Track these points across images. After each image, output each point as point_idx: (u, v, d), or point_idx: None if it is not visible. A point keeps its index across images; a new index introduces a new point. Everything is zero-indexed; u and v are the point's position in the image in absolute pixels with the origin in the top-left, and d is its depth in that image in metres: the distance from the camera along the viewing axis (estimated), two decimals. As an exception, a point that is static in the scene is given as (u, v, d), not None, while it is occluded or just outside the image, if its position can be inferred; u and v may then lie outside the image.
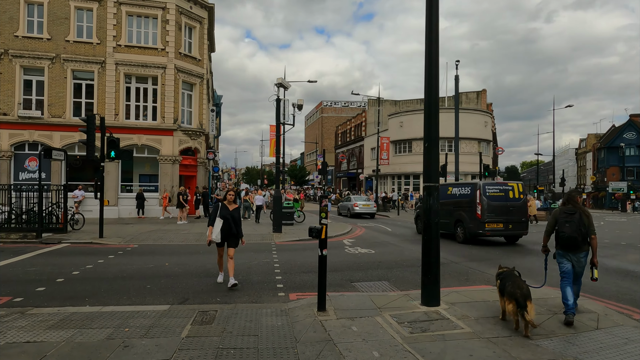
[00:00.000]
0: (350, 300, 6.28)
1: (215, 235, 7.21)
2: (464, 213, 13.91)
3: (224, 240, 7.36)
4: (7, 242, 12.63)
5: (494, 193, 13.44)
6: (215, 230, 7.21)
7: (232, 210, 7.38)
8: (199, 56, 25.24)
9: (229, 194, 7.46)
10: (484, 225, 13.20)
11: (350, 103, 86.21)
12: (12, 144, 21.80)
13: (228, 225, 7.24)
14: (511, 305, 4.94)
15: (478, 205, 13.28)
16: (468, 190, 14.02)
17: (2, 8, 21.65)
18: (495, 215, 13.23)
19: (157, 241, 13.52)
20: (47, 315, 5.54)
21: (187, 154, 24.29)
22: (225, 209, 7.32)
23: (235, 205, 7.52)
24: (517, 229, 13.57)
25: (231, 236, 7.36)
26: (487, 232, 13.27)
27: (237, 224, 7.39)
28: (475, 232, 13.45)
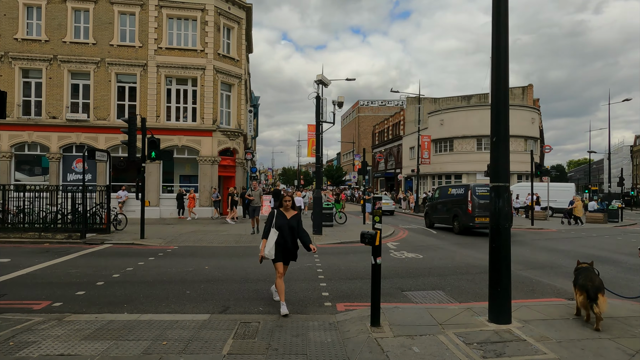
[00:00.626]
0: (406, 313, 5.63)
1: (268, 250, 5.82)
2: (459, 209, 16.69)
3: (280, 256, 5.94)
4: (53, 242, 12.83)
5: (483, 193, 16.08)
6: (269, 243, 5.84)
7: (290, 219, 6.03)
8: (237, 57, 25.21)
9: (285, 200, 6.13)
10: (474, 219, 15.89)
11: (387, 102, 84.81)
12: (61, 146, 22.54)
13: (284, 237, 5.91)
14: (582, 297, 5.06)
15: (469, 203, 16.00)
16: (462, 191, 16.87)
17: (50, 15, 22.44)
18: (483, 210, 15.64)
19: (197, 242, 13.35)
20: (84, 323, 5.26)
21: (225, 154, 24.30)
22: (281, 218, 6.01)
23: (293, 212, 6.14)
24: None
25: (288, 251, 6.04)
26: (477, 224, 15.97)
27: (295, 235, 6.06)
28: (467, 225, 16.28)
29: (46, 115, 22.40)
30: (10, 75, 22.16)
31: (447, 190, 18.56)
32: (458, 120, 40.35)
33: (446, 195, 18.19)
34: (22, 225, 13.81)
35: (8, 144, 22.11)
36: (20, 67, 22.28)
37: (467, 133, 39.46)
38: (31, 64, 22.32)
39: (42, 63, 22.34)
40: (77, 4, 22.62)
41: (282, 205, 6.15)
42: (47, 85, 22.42)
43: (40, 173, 22.97)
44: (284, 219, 6.02)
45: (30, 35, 22.48)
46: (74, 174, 22.63)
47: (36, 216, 14.11)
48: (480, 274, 8.78)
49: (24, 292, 6.91)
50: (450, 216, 17.43)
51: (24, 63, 22.26)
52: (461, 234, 16.55)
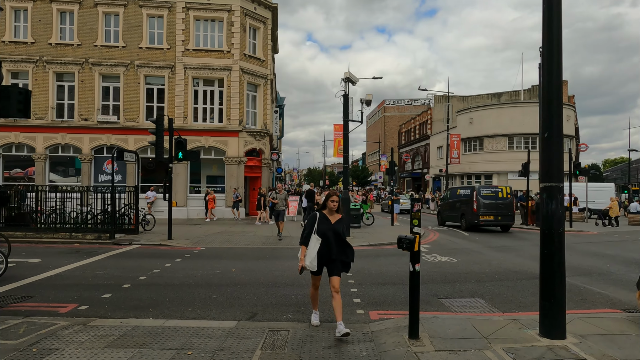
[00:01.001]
0: (446, 325, 5.20)
1: (310, 261, 4.97)
2: (465, 208, 18.18)
3: (322, 267, 5.10)
4: (84, 242, 12.96)
5: (487, 194, 17.76)
6: (311, 252, 4.99)
7: (334, 224, 5.08)
8: (263, 57, 25.14)
9: (331, 200, 5.15)
10: (479, 217, 17.39)
11: (413, 101, 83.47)
12: (92, 147, 23.02)
13: (328, 245, 5.00)
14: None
15: (474, 203, 17.48)
16: (469, 192, 18.42)
17: (83, 20, 22.95)
18: (487, 210, 17.34)
19: (224, 244, 13.22)
20: (109, 328, 5.08)
21: (252, 155, 24.25)
22: (325, 222, 5.07)
23: (338, 216, 5.19)
24: (504, 220, 17.80)
25: (333, 261, 5.05)
26: (481, 222, 17.50)
27: (341, 243, 5.11)
28: (472, 223, 17.75)
29: (78, 117, 22.92)
30: (44, 79, 22.79)
31: (456, 191, 20.43)
32: (488, 119, 39.11)
33: (455, 196, 19.85)
34: (54, 226, 14.05)
35: (43, 146, 22.74)
36: (54, 71, 22.88)
37: (498, 132, 38.20)
38: (64, 67, 22.89)
39: (75, 67, 22.87)
40: (107, 9, 23.05)
41: (325, 207, 5.19)
42: (80, 88, 22.94)
43: (74, 174, 23.54)
44: (328, 223, 5.08)
45: (64, 39, 23.06)
46: (104, 174, 23.06)
47: (68, 216, 14.32)
48: (521, 281, 8.22)
49: (52, 294, 6.85)
50: (458, 214, 19.06)
51: (58, 67, 22.85)
52: (467, 230, 18.11)
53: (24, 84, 22.68)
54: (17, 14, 22.94)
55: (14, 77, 22.82)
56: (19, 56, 22.57)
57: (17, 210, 14.42)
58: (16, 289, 7.07)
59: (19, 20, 22.99)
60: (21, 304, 6.28)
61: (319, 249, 4.99)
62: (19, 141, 22.72)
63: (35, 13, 22.74)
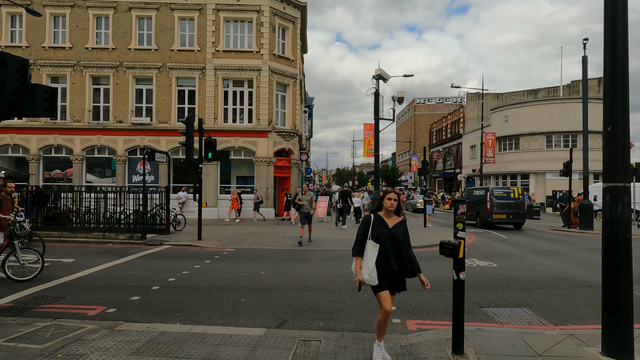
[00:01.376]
0: (493, 339, 4.74)
1: (369, 273, 4.02)
2: (480, 207, 19.59)
3: (384, 282, 4.08)
4: (116, 242, 13.11)
5: (500, 194, 19.17)
6: (368, 263, 4.06)
7: (392, 228, 4.17)
8: (292, 56, 25.00)
9: (387, 197, 4.23)
10: (492, 215, 18.77)
11: (444, 99, 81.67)
12: (127, 149, 23.51)
13: (385, 254, 4.07)
14: None
15: (488, 202, 18.91)
16: (483, 192, 20.01)
17: (117, 24, 23.49)
18: (500, 209, 18.72)
19: (253, 245, 13.07)
20: (135, 334, 4.91)
21: (281, 155, 24.14)
22: (380, 226, 4.17)
23: (397, 219, 4.26)
24: (516, 219, 19.14)
25: (393, 275, 4.12)
26: (494, 220, 18.86)
27: (401, 251, 4.14)
28: (486, 220, 19.08)
29: (113, 119, 23.47)
30: (81, 83, 23.47)
31: (472, 192, 22.29)
32: (525, 116, 37.58)
33: (471, 196, 21.34)
34: (88, 226, 14.31)
35: (80, 148, 23.42)
36: (91, 74, 23.52)
37: (535, 130, 36.63)
38: (100, 71, 23.50)
39: (110, 70, 23.44)
40: (140, 12, 23.50)
41: (381, 208, 4.28)
42: (114, 91, 23.49)
43: (110, 175, 24.12)
44: (385, 227, 4.17)
45: (99, 44, 23.67)
46: (138, 175, 23.49)
47: (102, 217, 14.56)
48: (571, 289, 7.58)
49: (82, 295, 6.81)
50: (474, 213, 20.25)
51: (94, 71, 23.48)
52: (482, 227, 19.39)
53: (62, 88, 23.46)
54: (56, 20, 23.73)
55: (53, 82, 23.59)
56: (57, 61, 23.34)
57: (54, 210, 14.79)
58: (48, 290, 7.08)
59: (58, 26, 23.78)
60: (51, 305, 6.25)
61: (378, 258, 4.06)
62: (57, 143, 23.49)
63: (73, 19, 23.45)
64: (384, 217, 4.26)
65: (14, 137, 23.31)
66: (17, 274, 7.66)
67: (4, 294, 6.73)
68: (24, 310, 5.95)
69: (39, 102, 4.70)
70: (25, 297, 6.64)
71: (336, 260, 10.53)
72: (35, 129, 23.27)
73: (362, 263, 4.14)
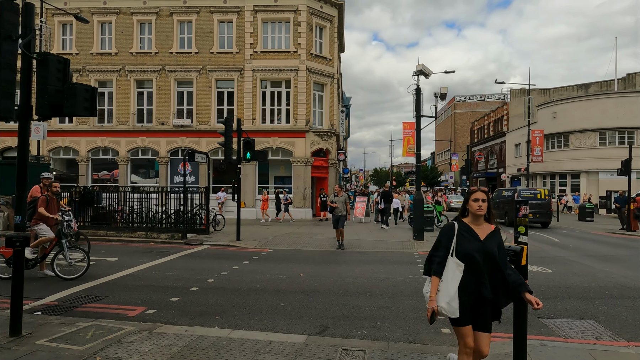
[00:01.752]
0: (558, 356, 4.26)
1: (448, 301, 3.13)
2: (508, 207, 20.62)
3: (468, 314, 3.18)
4: (157, 241, 13.33)
5: (527, 195, 20.09)
6: (448, 287, 3.14)
7: (485, 240, 3.23)
8: (329, 55, 24.77)
9: (473, 200, 3.26)
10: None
11: (486, 97, 78.94)
12: (169, 150, 24.11)
13: (476, 276, 3.16)
14: None
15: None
16: (511, 193, 21.43)
17: (159, 29, 24.15)
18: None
19: (291, 246, 12.91)
20: (174, 337, 4.79)
21: (318, 155, 23.96)
22: (468, 237, 3.22)
23: (490, 227, 3.32)
24: (542, 218, 20.33)
25: (484, 303, 3.21)
26: None
27: (498, 272, 3.21)
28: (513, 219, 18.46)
29: (156, 122, 24.13)
30: (126, 87, 24.30)
31: (501, 192, 23.59)
32: (575, 112, 35.50)
33: (500, 197, 22.61)
34: (131, 225, 14.66)
35: (125, 149, 24.24)
36: (135, 78, 24.30)
37: (586, 126, 34.51)
38: (143, 75, 24.23)
39: (153, 74, 24.12)
40: (181, 17, 24.04)
41: (465, 213, 3.32)
42: (157, 94, 24.15)
43: (153, 176, 24.83)
44: (474, 239, 3.19)
45: (143, 49, 24.41)
46: (179, 176, 24.02)
47: (144, 216, 14.89)
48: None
49: (123, 295, 6.84)
50: (503, 213, 21.21)
51: (138, 75, 24.24)
52: (510, 226, 19.45)
53: (109, 92, 24.41)
54: (102, 27, 24.69)
55: (101, 86, 24.56)
56: (104, 66, 24.28)
57: (100, 210, 15.28)
58: (91, 289, 7.17)
59: (105, 33, 24.74)
60: (94, 304, 6.29)
61: (462, 282, 3.12)
62: (105, 145, 24.43)
63: (118, 25, 24.32)
64: (472, 224, 3.26)
65: (65, 140, 24.46)
66: (64, 272, 7.83)
67: (51, 292, 6.87)
68: (67, 309, 6.01)
69: (79, 101, 4.68)
70: (70, 295, 6.74)
71: (377, 263, 10.16)
72: (84, 131, 24.31)
73: (440, 285, 3.18)
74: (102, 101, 24.61)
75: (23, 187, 4.76)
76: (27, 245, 4.84)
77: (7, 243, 4.64)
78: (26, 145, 4.80)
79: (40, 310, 5.91)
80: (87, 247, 9.40)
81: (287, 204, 21.26)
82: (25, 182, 4.76)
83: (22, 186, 4.75)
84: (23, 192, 4.77)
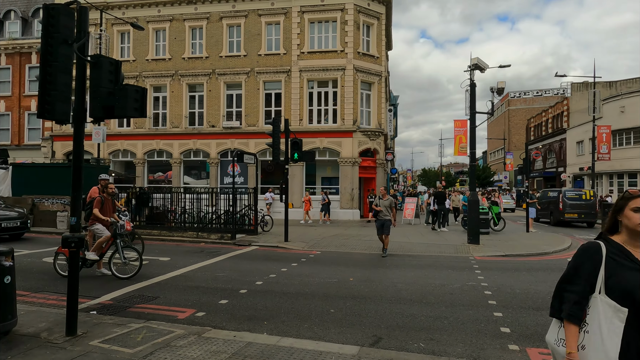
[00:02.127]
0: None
1: None
2: (553, 207, 21.83)
3: None
4: (208, 242, 13.54)
5: (572, 196, 21.07)
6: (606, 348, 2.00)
7: None
8: (376, 53, 24.28)
9: (631, 213, 2.14)
10: (564, 214, 20.80)
11: (543, 92, 74.68)
12: (219, 151, 24.66)
13: None
14: None
15: (560, 203, 20.95)
16: (556, 194, 22.14)
17: (210, 34, 24.77)
18: (572, 209, 20.66)
19: (340, 248, 12.64)
20: (222, 343, 4.66)
21: (366, 155, 23.54)
22: (629, 266, 2.09)
23: None
24: (587, 218, 21.01)
25: None
26: (566, 218, 20.83)
27: None
28: (558, 219, 21.21)
29: (207, 124, 24.77)
30: (179, 91, 25.14)
31: (547, 193, 24.75)
32: (647, 106, 32.49)
33: (546, 197, 23.73)
34: (183, 225, 15.03)
35: (178, 151, 25.09)
36: (187, 83, 25.09)
37: (660, 121, 31.47)
38: (195, 79, 24.96)
39: (204, 78, 24.79)
40: (231, 21, 24.52)
41: (616, 227, 2.25)
42: (207, 97, 24.79)
43: (204, 177, 25.52)
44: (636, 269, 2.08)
45: (194, 54, 25.16)
46: (229, 177, 24.49)
47: (195, 217, 15.21)
48: None
49: (173, 296, 6.87)
50: (548, 212, 22.62)
51: (190, 79, 25.01)
52: (555, 225, 21.36)
53: (163, 97, 25.38)
54: (157, 34, 25.72)
55: (156, 91, 25.61)
56: (159, 72, 25.27)
57: (155, 210, 15.79)
58: (144, 289, 7.28)
59: (159, 39, 25.75)
60: (146, 305, 6.34)
61: (625, 340, 2.00)
62: (159, 148, 25.42)
63: (171, 32, 25.23)
64: (631, 247, 2.16)
65: (123, 143, 25.72)
66: (120, 271, 8.04)
67: (107, 291, 7.04)
68: (121, 309, 6.10)
69: (129, 102, 4.68)
70: (124, 295, 6.87)
71: (430, 268, 9.65)
72: (141, 135, 25.43)
73: (585, 339, 2.10)
74: (156, 105, 25.64)
75: (78, 189, 4.82)
76: (81, 246, 4.90)
77: (63, 244, 4.71)
78: (81, 147, 4.86)
79: (96, 309, 6.03)
80: (141, 247, 9.65)
81: (325, 204, 20.89)
82: (80, 183, 4.81)
83: (77, 187, 4.81)
84: (78, 193, 4.83)
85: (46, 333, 4.82)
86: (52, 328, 4.97)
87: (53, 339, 4.66)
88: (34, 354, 4.27)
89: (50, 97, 4.46)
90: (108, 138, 23.25)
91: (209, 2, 24.62)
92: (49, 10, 4.55)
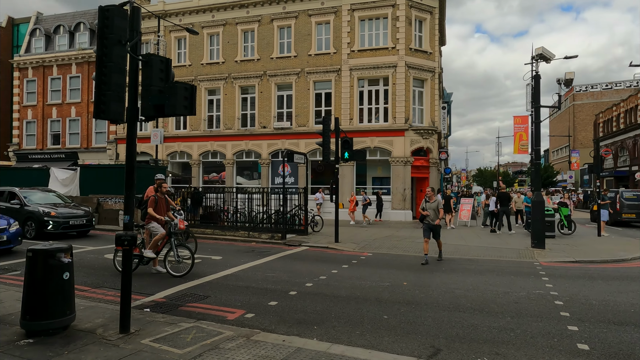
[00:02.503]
0: None
1: None
2: (611, 208, 20.18)
3: None
4: (259, 241, 13.60)
5: (629, 197, 21.68)
6: None
7: None
8: (429, 49, 23.43)
9: None
10: (621, 214, 21.39)
11: (614, 84, 69.04)
12: (270, 152, 24.94)
13: None
14: None
15: (617, 203, 21.42)
16: (613, 195, 22.16)
17: (261, 36, 25.13)
18: (629, 209, 21.34)
19: (391, 250, 12.21)
20: (271, 347, 4.50)
21: (418, 154, 22.77)
22: None
23: None
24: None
25: None
26: (624, 219, 21.34)
27: None
28: (615, 219, 21.23)
29: (258, 125, 25.14)
30: (232, 93, 25.73)
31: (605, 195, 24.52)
32: None
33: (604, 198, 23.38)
34: (235, 224, 15.25)
35: (231, 152, 25.68)
36: (239, 85, 25.62)
37: None
38: (247, 81, 25.42)
39: (255, 79, 25.19)
40: (281, 22, 24.72)
41: None
42: (259, 99, 25.15)
43: (256, 177, 25.93)
44: None
45: (247, 56, 25.63)
46: (280, 177, 24.68)
47: (247, 216, 15.38)
48: None
49: (224, 295, 6.85)
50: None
51: (242, 82, 25.51)
52: (612, 225, 21.03)
53: (217, 100, 26.10)
54: (211, 39, 26.49)
55: (210, 94, 26.39)
56: (213, 75, 26.01)
57: (209, 209, 16.18)
58: (195, 287, 7.33)
59: (213, 44, 26.51)
60: (196, 304, 6.35)
61: None
62: (213, 149, 26.15)
63: (225, 36, 25.89)
64: None
65: (180, 145, 26.74)
66: (174, 269, 8.18)
67: (160, 289, 7.16)
68: (173, 307, 6.14)
69: (179, 100, 4.65)
70: (177, 293, 6.94)
71: (490, 273, 9.00)
72: (196, 137, 26.30)
73: None
74: (211, 108, 26.42)
75: (131, 187, 4.86)
76: (134, 244, 4.93)
77: (117, 242, 4.77)
78: (133, 147, 4.90)
79: (149, 307, 6.11)
80: (194, 245, 9.81)
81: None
82: (132, 182, 4.86)
83: (130, 186, 4.85)
84: (131, 192, 4.87)
85: (102, 329, 4.91)
86: (108, 324, 5.06)
87: (107, 335, 4.73)
88: (89, 350, 4.33)
89: (105, 97, 4.53)
90: (165, 140, 24.27)
91: (260, 5, 24.97)
92: (104, 12, 4.62)
